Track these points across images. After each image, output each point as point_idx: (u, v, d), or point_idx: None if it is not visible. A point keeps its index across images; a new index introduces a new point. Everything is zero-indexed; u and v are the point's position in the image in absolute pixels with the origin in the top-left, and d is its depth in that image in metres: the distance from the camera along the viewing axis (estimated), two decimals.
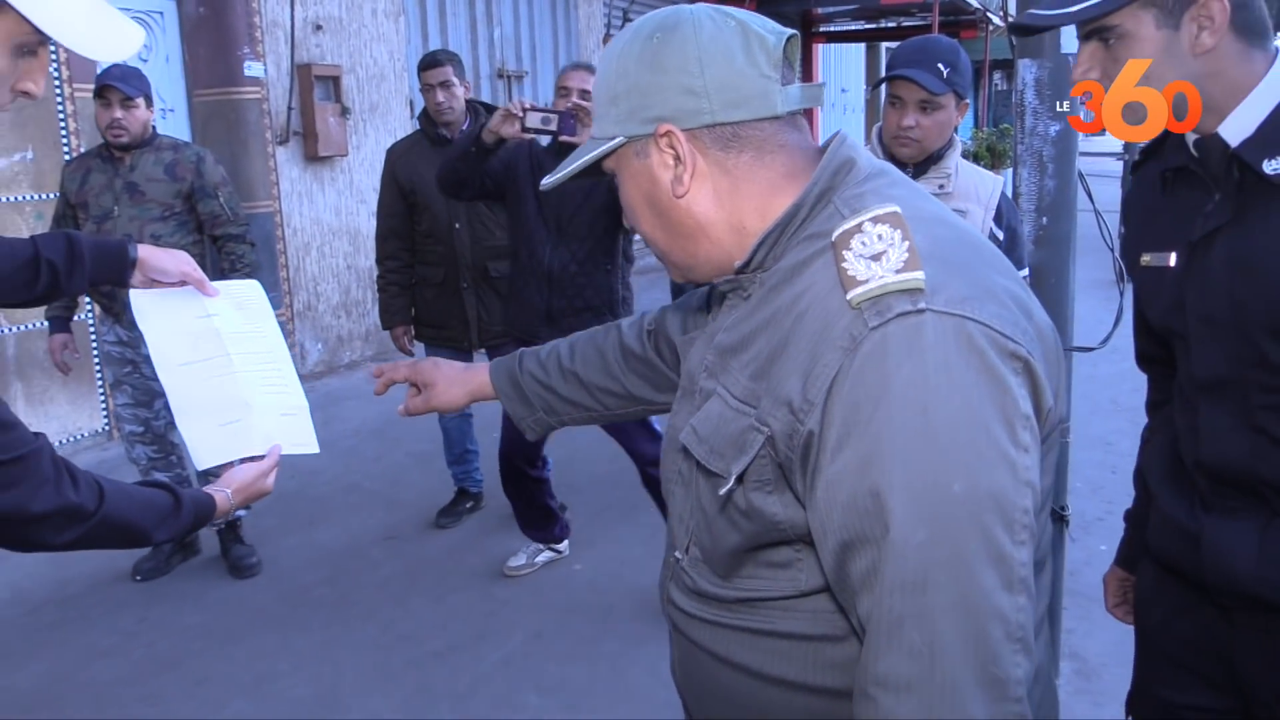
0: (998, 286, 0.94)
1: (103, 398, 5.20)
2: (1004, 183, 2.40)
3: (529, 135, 3.02)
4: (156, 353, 1.62)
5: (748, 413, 0.98)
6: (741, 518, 1.00)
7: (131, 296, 1.63)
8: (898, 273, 0.89)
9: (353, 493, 4.58)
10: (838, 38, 17.01)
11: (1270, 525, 1.31)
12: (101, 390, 5.16)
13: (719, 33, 0.99)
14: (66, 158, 4.80)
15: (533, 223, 3.29)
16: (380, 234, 4.01)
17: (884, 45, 18.04)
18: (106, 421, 5.27)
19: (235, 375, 1.63)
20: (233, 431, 1.62)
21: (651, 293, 7.40)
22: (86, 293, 3.61)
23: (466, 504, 4.25)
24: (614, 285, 3.36)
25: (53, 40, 1.09)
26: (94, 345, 4.93)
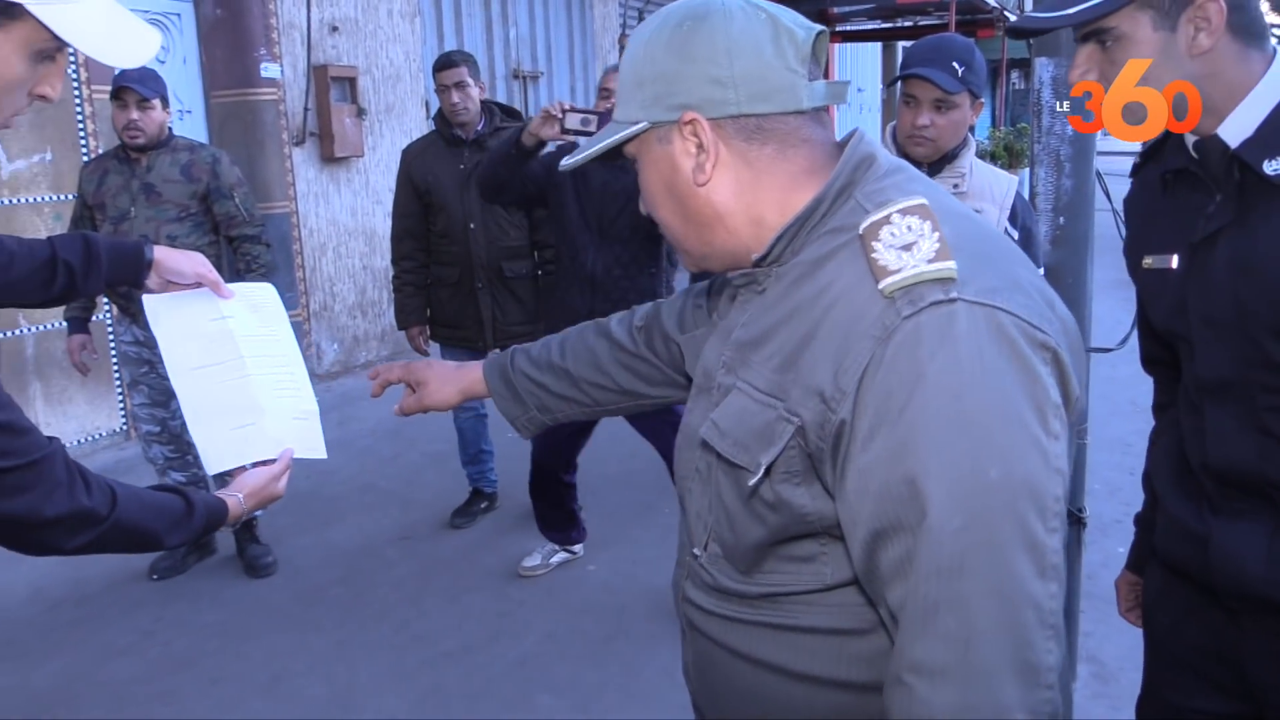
0: (1023, 279, 0.95)
1: (120, 398, 5.24)
2: (1019, 182, 2.38)
3: (569, 137, 3.00)
4: (169, 357, 1.62)
5: (774, 405, 0.97)
6: (768, 510, 1.00)
7: (145, 301, 1.63)
8: (930, 262, 0.90)
9: (368, 492, 4.60)
10: (854, 37, 16.95)
11: (1279, 527, 1.30)
12: (119, 390, 5.19)
13: (749, 24, 0.99)
14: (85, 159, 4.83)
15: (575, 226, 3.27)
16: (395, 234, 4.02)
17: (900, 44, 17.95)
18: (124, 421, 5.30)
19: (248, 378, 1.63)
20: (244, 435, 1.62)
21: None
22: (103, 293, 3.63)
23: (481, 504, 4.26)
24: (657, 288, 3.32)
25: (71, 46, 1.09)
26: (112, 345, 4.95)
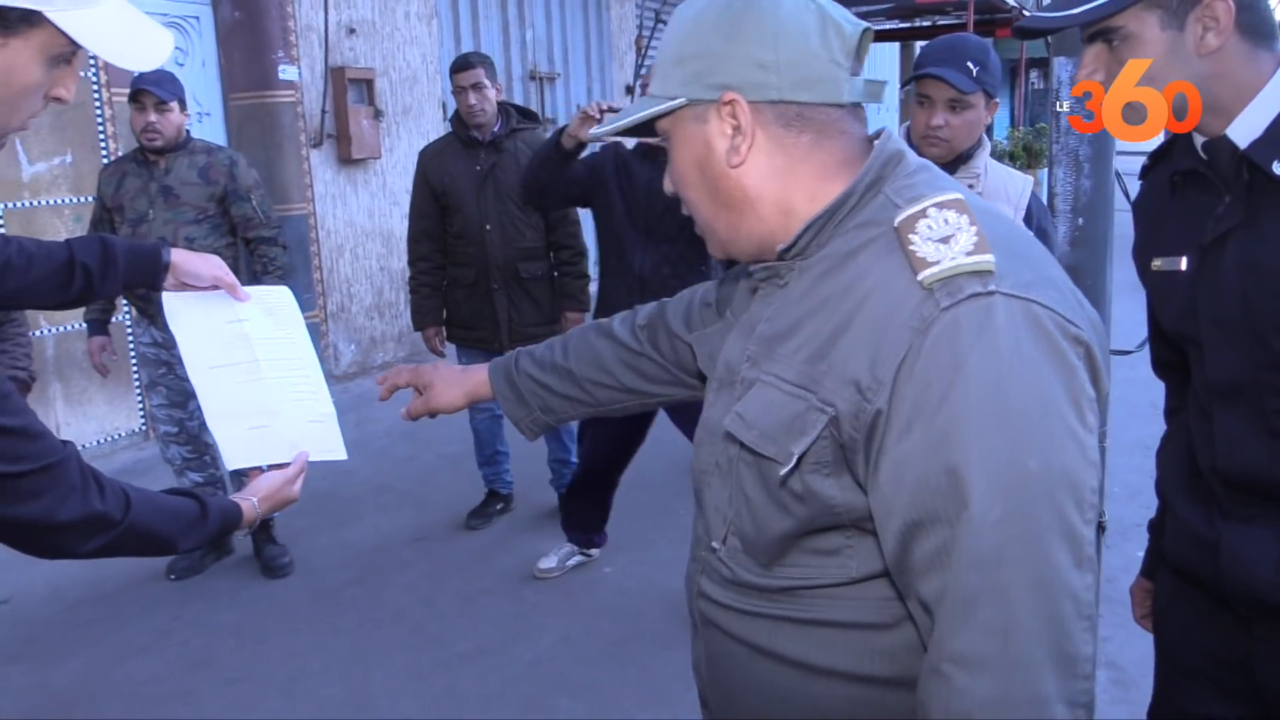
0: (1054, 275, 0.96)
1: (140, 398, 5.27)
2: (1033, 183, 2.36)
3: (607, 139, 2.99)
4: (188, 354, 1.63)
5: (805, 396, 0.97)
6: (796, 502, 0.99)
7: (164, 299, 1.64)
8: (969, 255, 0.90)
9: (384, 494, 4.61)
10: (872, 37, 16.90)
11: None
12: (139, 391, 5.23)
13: (798, 12, 0.99)
14: (104, 162, 4.86)
15: (621, 225, 3.26)
16: (412, 235, 4.03)
17: (918, 44, 17.90)
18: (143, 422, 5.33)
19: (263, 382, 1.63)
20: (260, 436, 1.62)
21: None
22: (121, 295, 3.66)
23: (497, 505, 4.26)
24: None
25: (88, 51, 1.10)
26: (131, 347, 4.98)
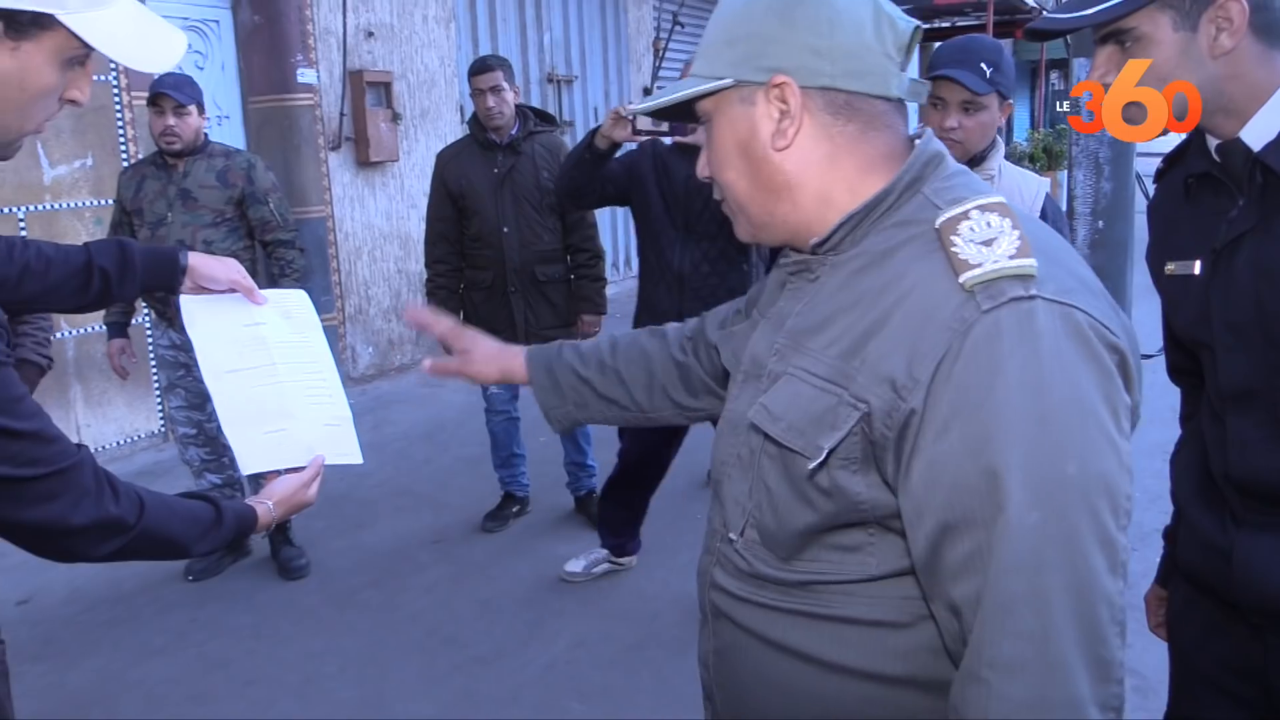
0: (1091, 282, 0.96)
1: (159, 400, 5.30)
2: (1047, 185, 2.34)
3: (640, 138, 2.97)
4: (204, 358, 1.62)
5: (836, 392, 0.97)
6: (822, 496, 0.98)
7: (181, 301, 1.64)
8: (1011, 258, 0.90)
9: (401, 496, 4.62)
10: None
11: None
12: (158, 393, 5.26)
13: (854, 3, 1.00)
14: (125, 165, 4.90)
15: (660, 223, 3.24)
16: (429, 238, 4.04)
17: (936, 45, 17.83)
18: (163, 423, 5.36)
19: (280, 385, 1.63)
20: (276, 440, 1.62)
21: None
22: (139, 298, 3.67)
23: (513, 508, 4.26)
24: (749, 285, 3.20)
25: (101, 54, 1.11)
26: (151, 349, 5.02)
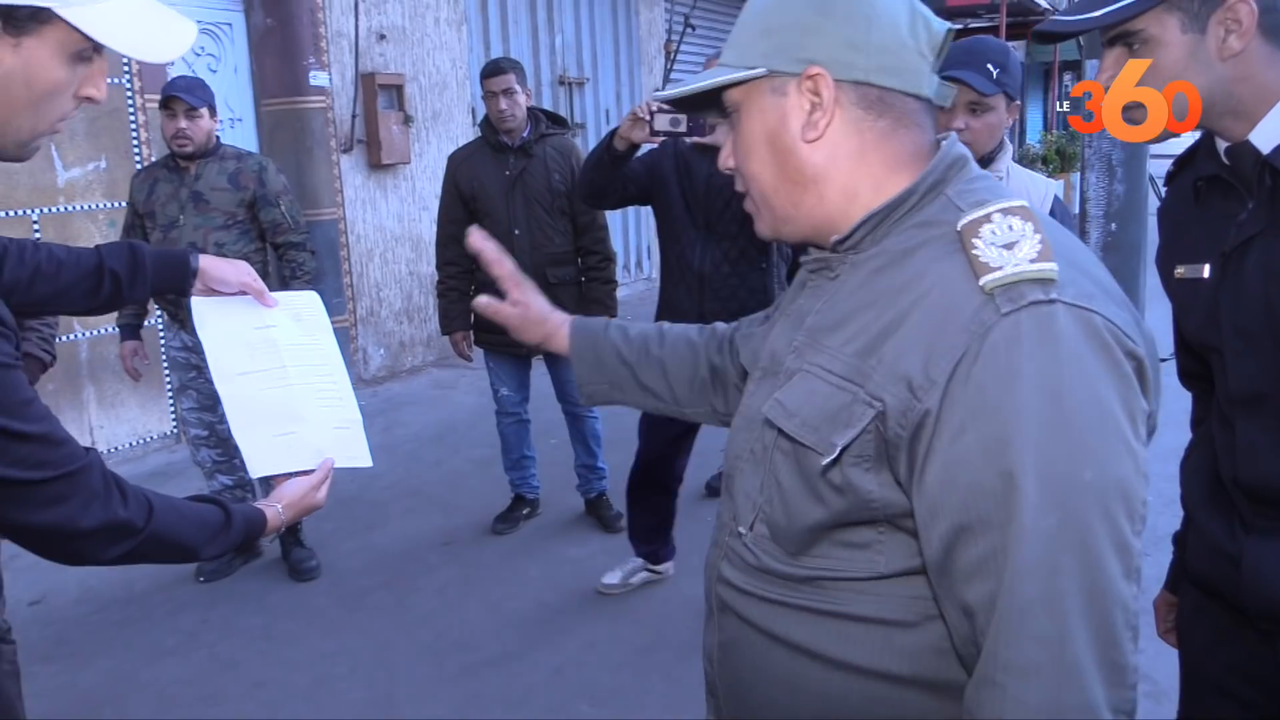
0: (1113, 290, 0.96)
1: (171, 401, 5.32)
2: (1054, 188, 2.32)
3: (658, 139, 2.96)
4: (214, 361, 1.62)
5: (851, 389, 0.96)
6: (833, 493, 0.98)
7: (192, 303, 1.64)
8: (1032, 262, 0.90)
9: (411, 497, 4.62)
10: None
11: None
12: (170, 394, 5.28)
13: (880, 7, 1.01)
14: (138, 167, 4.92)
15: (680, 223, 3.22)
16: (440, 240, 4.04)
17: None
18: (175, 425, 5.38)
19: (290, 388, 1.63)
20: (286, 443, 1.62)
21: None
22: (150, 301, 3.69)
23: (523, 510, 4.25)
24: (769, 285, 3.21)
25: (112, 49, 1.09)
26: (163, 351, 5.03)
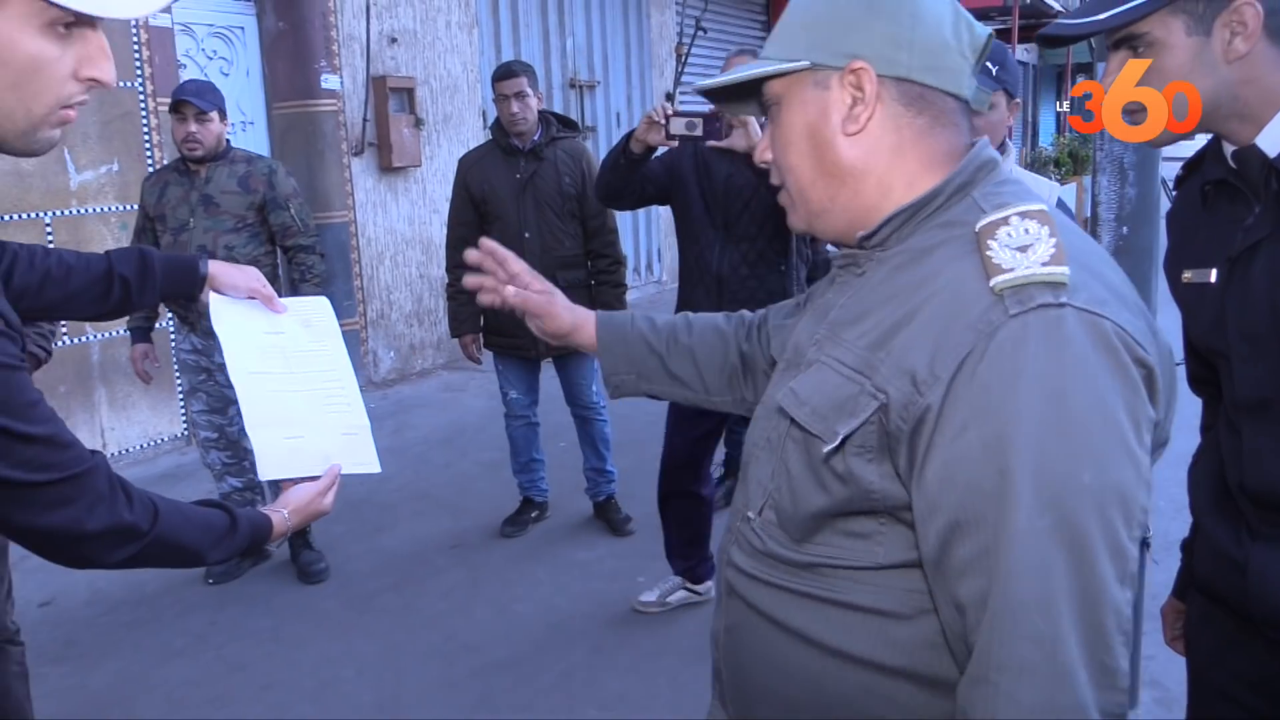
0: (1129, 298, 0.96)
1: (182, 404, 5.33)
2: (1063, 191, 2.31)
3: (674, 142, 2.95)
4: (231, 357, 1.63)
5: (859, 381, 0.98)
6: (835, 481, 0.99)
7: (210, 299, 1.65)
8: (1044, 265, 0.90)
9: (420, 500, 4.62)
10: None
11: None
12: (181, 396, 5.29)
13: (924, 8, 1.02)
14: (150, 170, 4.94)
15: (699, 223, 3.20)
16: (450, 243, 4.04)
17: None
18: (186, 427, 5.40)
19: (298, 394, 1.64)
20: (294, 447, 1.62)
21: None
22: (159, 306, 3.70)
23: (532, 513, 4.25)
24: (788, 287, 3.18)
25: (70, 9, 1.00)
26: (174, 353, 5.05)
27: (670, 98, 9.19)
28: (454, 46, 7.23)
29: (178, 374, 5.15)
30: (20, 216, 4.68)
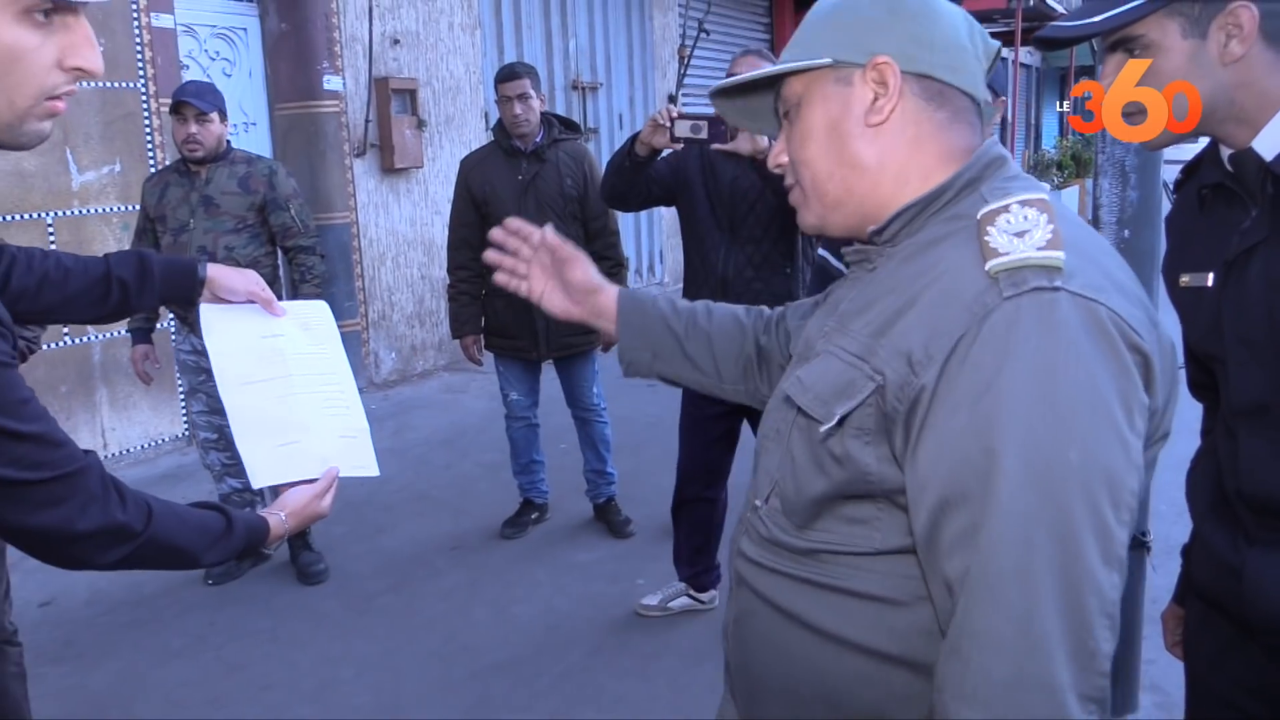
0: (1129, 288, 0.97)
1: (183, 404, 5.33)
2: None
3: (679, 145, 2.94)
4: (219, 370, 1.62)
5: (859, 365, 1.00)
6: (834, 464, 1.01)
7: (201, 310, 1.65)
8: (1040, 249, 0.91)
9: (420, 501, 4.62)
10: None
11: None
12: (182, 397, 5.29)
13: (950, 9, 1.07)
14: (153, 170, 4.94)
15: (704, 225, 3.20)
16: (452, 244, 4.04)
17: None
18: (187, 427, 5.39)
19: (296, 396, 1.63)
20: (289, 452, 1.61)
21: None
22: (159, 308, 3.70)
23: (531, 515, 4.25)
24: (793, 290, 3.17)
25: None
26: (176, 353, 5.05)
27: (673, 100, 9.19)
28: (456, 48, 7.23)
29: (179, 374, 5.16)
30: (22, 217, 4.68)
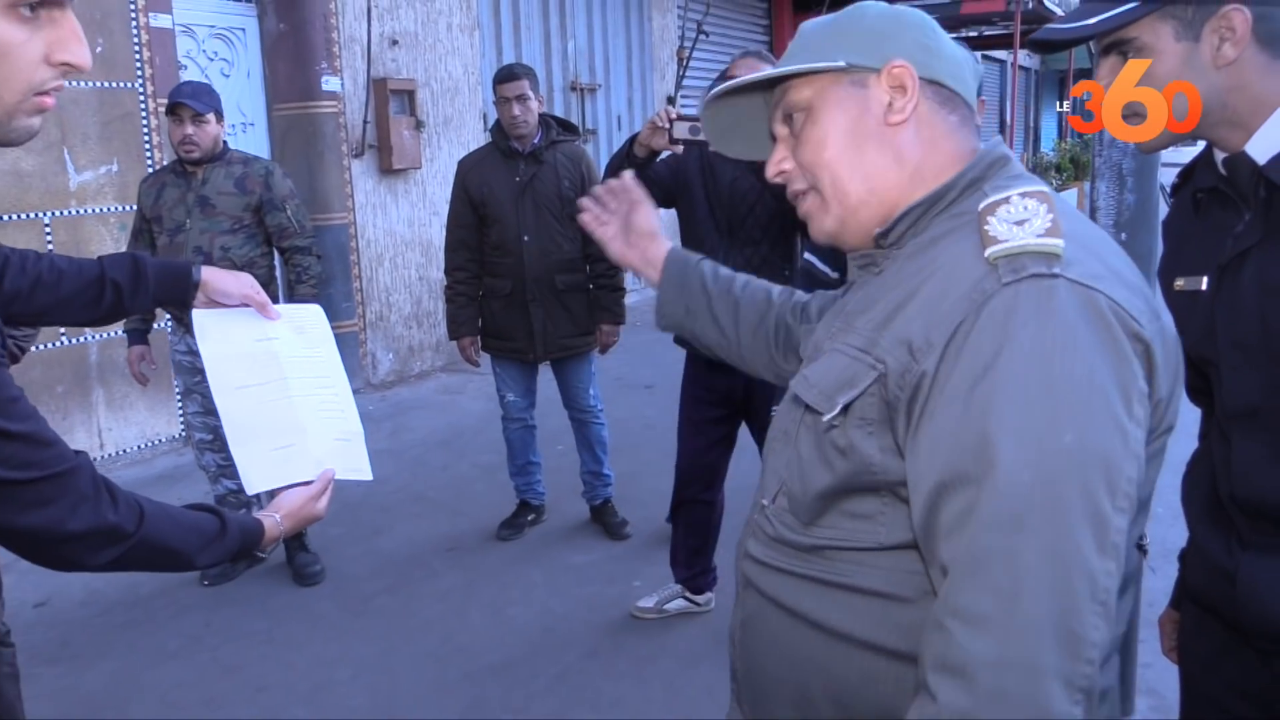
0: (1130, 276, 0.98)
1: (180, 405, 5.32)
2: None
3: (678, 147, 2.94)
4: (213, 374, 1.61)
5: (862, 358, 1.01)
6: (838, 456, 1.02)
7: (194, 315, 1.64)
8: (1038, 237, 0.93)
9: (417, 502, 4.62)
10: None
11: None
12: (179, 398, 5.26)
13: (939, 29, 1.13)
14: (150, 170, 4.93)
15: (704, 227, 3.20)
16: (449, 245, 4.04)
17: None
18: (183, 428, 5.39)
19: (291, 400, 1.63)
20: (284, 456, 1.60)
21: None
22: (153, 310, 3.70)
23: (528, 516, 4.24)
24: None
25: None
26: (172, 354, 5.05)
27: (671, 101, 9.19)
28: (455, 49, 7.23)
29: (175, 375, 5.15)
30: (19, 217, 4.67)
